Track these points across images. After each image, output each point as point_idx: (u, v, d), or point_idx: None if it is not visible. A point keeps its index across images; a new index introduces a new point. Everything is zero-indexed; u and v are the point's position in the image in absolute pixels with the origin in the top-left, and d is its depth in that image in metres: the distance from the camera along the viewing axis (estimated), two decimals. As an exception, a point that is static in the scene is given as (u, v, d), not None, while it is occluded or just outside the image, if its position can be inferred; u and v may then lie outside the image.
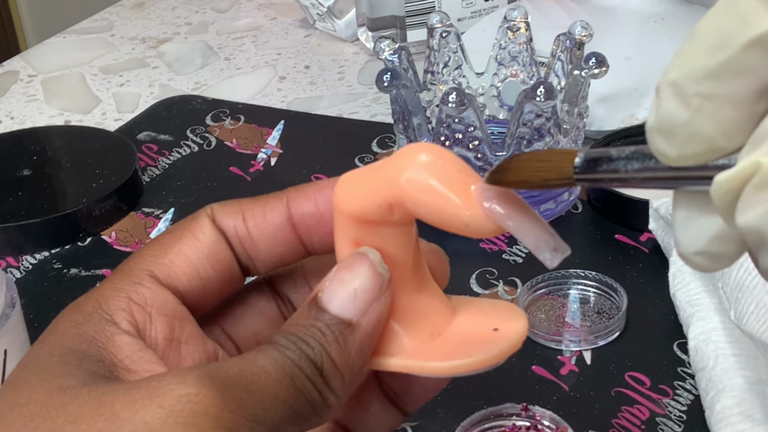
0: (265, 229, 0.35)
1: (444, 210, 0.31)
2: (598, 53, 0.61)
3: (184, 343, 0.34)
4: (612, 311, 0.56)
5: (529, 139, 0.61)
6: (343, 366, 0.32)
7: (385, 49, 0.65)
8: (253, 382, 0.30)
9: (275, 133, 0.78)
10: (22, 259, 0.66)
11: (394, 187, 0.32)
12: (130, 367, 0.32)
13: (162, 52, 0.95)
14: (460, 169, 0.31)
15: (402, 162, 0.32)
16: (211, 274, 0.35)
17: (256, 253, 0.35)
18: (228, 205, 0.36)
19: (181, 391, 0.29)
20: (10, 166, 0.71)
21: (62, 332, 0.32)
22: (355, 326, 0.32)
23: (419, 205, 0.31)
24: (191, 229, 0.35)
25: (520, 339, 0.33)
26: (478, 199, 0.31)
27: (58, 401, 0.29)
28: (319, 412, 0.32)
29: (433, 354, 0.33)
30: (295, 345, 0.31)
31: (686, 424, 0.49)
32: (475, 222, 0.31)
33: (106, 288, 0.34)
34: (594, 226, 0.64)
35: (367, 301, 0.32)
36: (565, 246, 0.31)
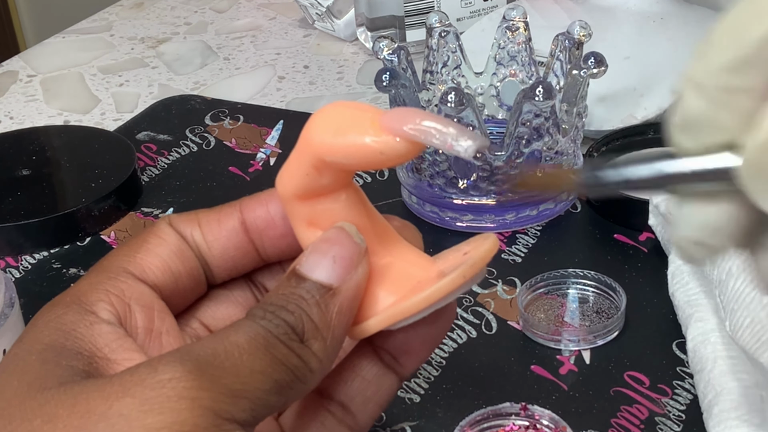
0: (219, 234, 0.36)
1: (356, 147, 0.32)
2: (597, 53, 0.61)
3: (165, 334, 0.34)
4: (611, 311, 0.56)
5: (528, 139, 0.61)
6: (324, 328, 0.32)
7: (384, 49, 0.65)
8: (227, 359, 0.30)
9: (274, 133, 0.78)
10: (21, 259, 0.66)
11: (310, 148, 0.33)
12: (109, 356, 0.32)
13: (161, 52, 0.95)
14: (360, 108, 0.33)
15: (309, 124, 0.34)
16: (181, 270, 0.36)
17: (211, 258, 0.36)
18: (185, 215, 0.37)
19: (152, 380, 0.29)
20: (9, 166, 0.71)
21: (41, 327, 0.32)
22: (336, 291, 0.33)
23: (335, 154, 0.32)
24: (154, 232, 0.36)
25: (487, 252, 0.34)
26: (383, 127, 0.32)
27: (35, 402, 0.30)
28: (302, 377, 0.32)
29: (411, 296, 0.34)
30: (272, 314, 0.32)
31: (685, 424, 0.49)
32: (387, 147, 0.32)
33: (83, 284, 0.34)
34: (593, 225, 0.64)
35: (346, 268, 0.33)
36: (475, 134, 0.31)
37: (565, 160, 0.64)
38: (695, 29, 0.76)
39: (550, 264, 0.60)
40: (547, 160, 0.63)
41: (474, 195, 0.63)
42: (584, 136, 0.67)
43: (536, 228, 0.64)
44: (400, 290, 0.34)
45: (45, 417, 0.29)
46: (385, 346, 0.37)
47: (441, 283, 0.33)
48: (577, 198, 0.66)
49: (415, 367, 0.38)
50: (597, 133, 0.70)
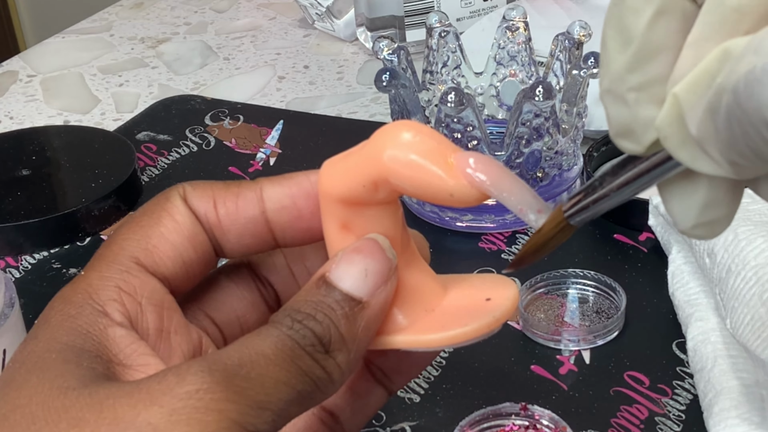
0: (236, 220, 0.35)
1: (428, 182, 0.31)
2: (597, 53, 0.61)
3: (173, 333, 0.34)
4: (611, 311, 0.56)
5: (527, 139, 0.61)
6: (350, 341, 0.32)
7: (384, 49, 0.65)
8: (253, 369, 0.30)
9: (274, 133, 0.78)
10: (21, 259, 0.66)
11: (378, 165, 0.32)
12: (124, 362, 0.31)
13: (161, 52, 0.95)
14: (440, 141, 0.32)
15: (383, 140, 0.32)
16: (193, 257, 0.35)
17: (225, 240, 0.35)
18: (200, 188, 0.35)
19: (180, 390, 0.29)
20: (9, 166, 0.71)
21: (55, 326, 0.32)
22: (365, 305, 0.32)
23: (403, 180, 0.32)
24: (168, 210, 0.34)
25: (512, 305, 0.34)
26: (459, 168, 0.31)
27: (59, 403, 0.29)
28: (323, 388, 0.32)
29: (429, 328, 0.34)
30: (300, 323, 0.31)
31: (685, 424, 0.49)
32: (459, 191, 0.31)
33: (93, 277, 0.33)
34: (593, 225, 0.64)
35: (376, 283, 0.33)
36: (548, 206, 0.32)
37: (565, 160, 0.64)
38: (695, 29, 0.76)
39: (550, 264, 0.60)
40: (547, 160, 0.63)
41: (474, 195, 0.63)
42: (584, 136, 0.67)
43: (536, 228, 0.64)
44: (417, 313, 0.34)
45: (71, 420, 0.29)
46: (378, 364, 0.37)
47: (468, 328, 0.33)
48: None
49: (405, 383, 0.38)
50: (597, 133, 0.70)
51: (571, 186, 0.65)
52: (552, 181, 0.64)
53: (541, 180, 0.63)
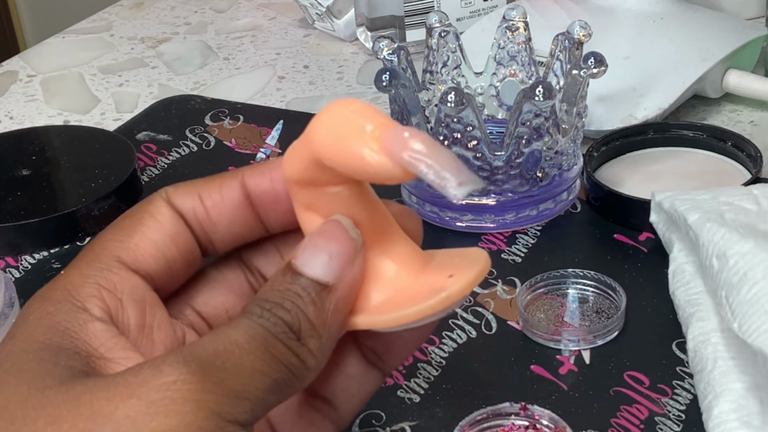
0: (223, 209, 0.35)
1: (353, 158, 0.31)
2: (596, 53, 0.61)
3: (156, 329, 0.34)
4: (611, 311, 0.56)
5: (527, 139, 0.61)
6: (320, 326, 0.32)
7: (384, 49, 0.65)
8: (228, 359, 0.30)
9: (274, 133, 0.78)
10: (20, 259, 0.66)
11: (311, 144, 0.32)
12: (105, 356, 0.31)
13: (161, 52, 0.95)
14: (371, 116, 0.31)
15: (317, 118, 0.33)
16: (176, 255, 0.35)
17: (215, 233, 0.35)
18: (183, 187, 0.36)
19: (157, 381, 0.29)
20: (8, 166, 0.71)
21: (33, 324, 0.32)
22: (332, 288, 0.32)
23: (331, 158, 0.32)
24: (150, 212, 0.35)
25: (468, 283, 0.33)
26: (385, 145, 0.31)
27: (37, 402, 0.29)
28: (299, 375, 0.32)
29: (390, 307, 0.34)
30: (269, 312, 0.31)
31: (685, 424, 0.49)
32: (382, 168, 0.31)
33: (73, 275, 0.33)
34: (593, 225, 0.64)
35: (342, 265, 0.33)
36: (474, 178, 0.30)
37: (565, 159, 0.64)
38: (695, 29, 0.76)
39: (550, 264, 0.60)
40: (547, 160, 0.63)
41: (474, 195, 0.63)
42: (584, 136, 0.67)
43: (536, 228, 0.64)
44: (388, 291, 0.34)
45: (49, 418, 0.29)
46: (369, 344, 0.37)
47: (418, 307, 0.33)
48: (577, 197, 0.66)
49: (398, 363, 0.38)
50: (597, 133, 0.70)
51: (571, 186, 0.65)
52: (552, 181, 0.64)
53: (541, 180, 0.63)
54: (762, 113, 0.76)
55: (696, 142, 0.68)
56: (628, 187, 0.64)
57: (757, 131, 0.74)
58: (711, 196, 0.55)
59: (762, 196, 0.54)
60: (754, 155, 0.65)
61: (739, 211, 0.53)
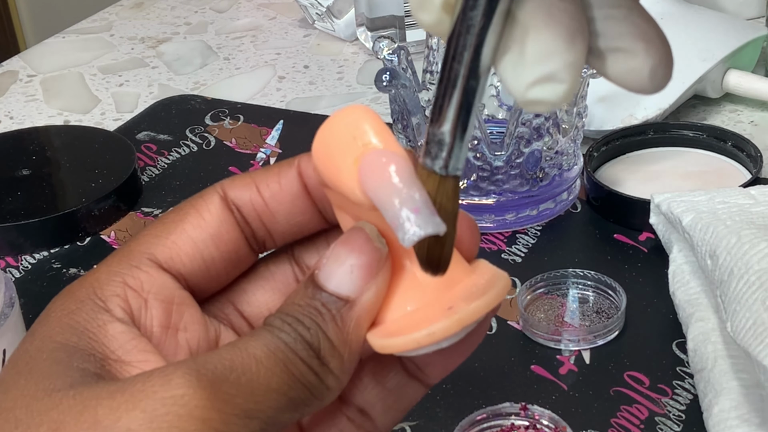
0: (282, 199, 0.34)
1: (332, 180, 0.31)
2: (597, 53, 0.61)
3: (182, 330, 0.33)
4: (611, 311, 0.56)
5: (528, 139, 0.61)
6: (341, 345, 0.31)
7: (384, 49, 0.65)
8: (244, 374, 0.29)
9: (274, 133, 0.78)
10: (21, 259, 0.66)
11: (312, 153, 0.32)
12: (123, 358, 0.31)
13: (161, 52, 0.95)
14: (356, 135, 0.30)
15: (324, 124, 0.32)
16: (215, 256, 0.33)
17: (274, 224, 0.34)
18: (239, 179, 0.34)
19: (165, 394, 0.28)
20: (9, 166, 0.71)
21: (53, 323, 0.31)
22: (353, 303, 0.31)
23: (320, 171, 0.31)
24: (197, 208, 0.34)
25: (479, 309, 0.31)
26: (360, 171, 0.30)
27: (43, 406, 0.29)
28: (318, 395, 0.30)
29: (404, 327, 0.31)
30: (290, 326, 0.30)
31: (685, 424, 0.49)
32: (354, 195, 0.30)
33: (102, 272, 0.33)
34: (593, 225, 0.64)
35: (364, 278, 0.31)
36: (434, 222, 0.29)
37: (565, 159, 0.64)
38: (695, 29, 0.76)
39: (550, 264, 0.60)
40: (547, 160, 0.63)
41: (474, 195, 0.63)
42: (584, 136, 0.67)
43: (536, 228, 0.64)
44: (413, 302, 0.32)
45: (51, 424, 0.28)
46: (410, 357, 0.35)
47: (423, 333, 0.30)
48: (577, 197, 0.66)
49: (442, 376, 0.35)
50: (597, 133, 0.70)
51: (571, 186, 0.65)
52: (552, 181, 0.64)
53: (541, 180, 0.63)
54: (762, 113, 0.76)
55: (696, 142, 0.68)
56: (628, 187, 0.64)
57: (757, 131, 0.74)
58: (707, 197, 0.55)
59: (759, 194, 0.54)
60: (754, 155, 0.65)
61: (733, 206, 0.53)
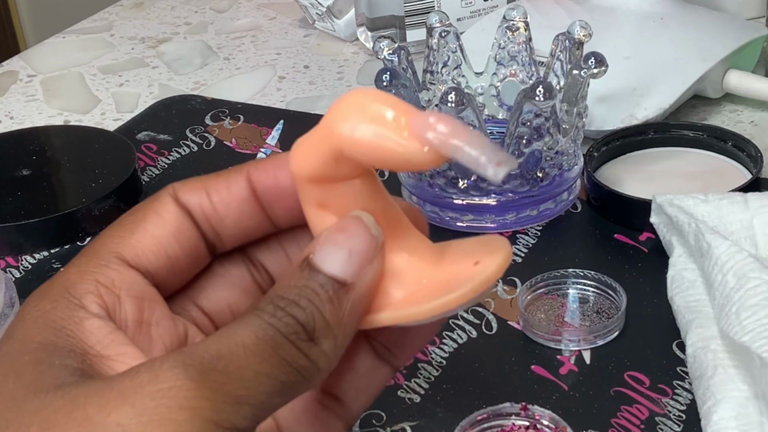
0: (230, 204, 0.35)
1: (382, 148, 0.31)
2: (597, 53, 0.61)
3: (154, 325, 0.33)
4: (611, 311, 0.56)
5: (528, 139, 0.61)
6: (335, 326, 0.31)
7: (384, 49, 0.65)
8: (232, 362, 0.29)
9: (275, 133, 0.78)
10: (21, 259, 0.66)
11: (332, 138, 0.31)
12: (102, 353, 0.31)
13: (161, 52, 0.95)
14: (392, 105, 0.31)
15: (336, 110, 0.32)
16: (178, 252, 0.34)
17: (223, 228, 0.35)
18: (190, 183, 0.35)
19: (152, 388, 0.28)
20: (9, 166, 0.71)
21: (30, 324, 0.31)
22: (350, 286, 0.32)
23: (358, 149, 0.31)
24: (154, 209, 0.34)
25: (496, 270, 0.32)
26: (414, 130, 0.30)
27: (32, 406, 0.29)
28: (309, 377, 0.31)
29: (413, 301, 0.33)
30: (282, 310, 0.31)
31: (685, 424, 0.49)
32: (414, 155, 0.30)
33: (71, 272, 0.33)
34: (593, 225, 0.64)
35: (361, 262, 0.32)
36: (510, 158, 0.30)
37: (565, 160, 0.64)
38: (695, 29, 0.76)
39: (550, 264, 0.60)
40: (548, 160, 0.63)
41: (474, 195, 0.63)
42: (584, 136, 0.67)
43: (536, 228, 0.64)
44: (409, 286, 0.33)
45: (42, 423, 0.28)
46: (380, 339, 0.36)
47: (451, 296, 0.32)
48: (577, 197, 0.66)
49: (410, 358, 0.37)
50: (597, 133, 0.70)
51: (571, 186, 0.65)
52: (552, 181, 0.64)
53: (542, 180, 0.63)
54: (762, 113, 0.76)
55: (696, 142, 0.68)
56: (628, 187, 0.64)
57: (758, 131, 0.74)
58: (708, 198, 0.55)
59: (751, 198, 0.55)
60: (754, 155, 0.65)
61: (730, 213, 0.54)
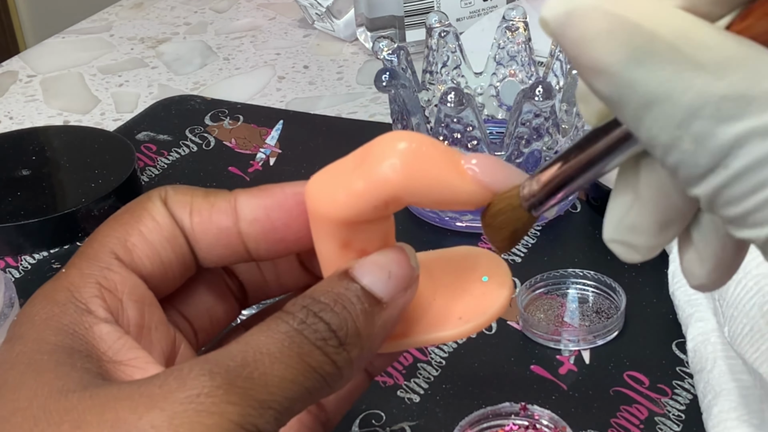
0: (208, 230, 0.35)
1: (446, 192, 0.32)
2: (596, 53, 0.61)
3: (153, 329, 0.34)
4: (611, 311, 0.56)
5: (527, 139, 0.61)
6: (365, 337, 0.32)
7: (384, 49, 0.65)
8: (257, 369, 0.30)
9: (274, 133, 0.78)
10: (20, 259, 0.66)
11: (390, 185, 0.32)
12: (114, 359, 0.31)
13: (161, 52, 0.95)
14: (443, 149, 0.32)
15: (390, 157, 0.32)
16: (172, 258, 0.35)
17: (198, 249, 0.35)
18: (181, 193, 0.35)
19: (182, 394, 0.29)
20: (8, 166, 0.71)
21: (41, 325, 0.32)
22: (384, 306, 0.32)
23: (421, 195, 0.32)
24: (149, 210, 0.35)
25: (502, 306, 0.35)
26: (472, 175, 0.32)
27: (61, 406, 0.29)
28: (332, 383, 0.31)
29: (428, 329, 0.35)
30: (315, 315, 0.31)
31: (685, 424, 0.49)
32: (474, 195, 0.32)
33: (74, 274, 0.33)
34: (593, 225, 0.64)
35: (398, 287, 0.33)
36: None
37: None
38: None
39: (549, 264, 0.60)
40: (547, 160, 0.63)
41: (474, 195, 0.63)
42: (584, 136, 0.67)
43: (536, 228, 0.64)
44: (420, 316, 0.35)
45: (74, 423, 0.29)
46: None
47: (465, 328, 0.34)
48: (577, 198, 0.66)
49: (386, 367, 0.39)
50: (597, 133, 0.70)
51: (570, 186, 0.65)
52: (552, 181, 0.64)
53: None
54: (762, 113, 0.76)
55: (696, 142, 0.68)
56: (627, 187, 0.64)
57: (757, 131, 0.73)
58: None
59: None
60: (753, 155, 0.65)
61: None
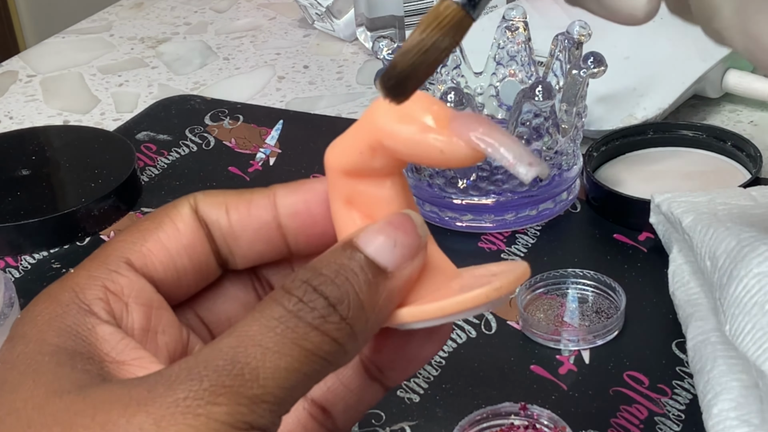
0: (248, 225, 0.34)
1: (419, 140, 0.31)
2: (596, 53, 0.61)
3: (161, 333, 0.33)
4: (610, 311, 0.56)
5: (527, 139, 0.61)
6: (369, 309, 0.31)
7: (384, 49, 0.65)
8: (247, 364, 0.29)
9: (274, 133, 0.78)
10: (20, 259, 0.66)
11: (371, 129, 0.32)
12: (117, 359, 0.31)
13: (161, 52, 0.95)
14: (430, 101, 0.32)
15: (377, 105, 0.33)
16: (187, 266, 0.34)
17: (237, 248, 0.35)
18: (212, 196, 0.35)
19: (169, 399, 0.29)
20: (8, 166, 0.71)
21: (43, 325, 0.32)
22: (389, 276, 0.31)
23: (395, 141, 0.32)
24: (171, 217, 0.34)
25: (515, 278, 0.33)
26: (456, 128, 0.31)
27: (55, 407, 0.29)
28: (334, 360, 0.30)
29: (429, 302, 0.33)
30: (315, 291, 0.30)
31: (684, 424, 0.49)
32: (450, 148, 0.31)
33: (81, 276, 0.33)
34: (592, 225, 0.64)
35: (404, 255, 0.32)
36: (541, 162, 0.31)
37: (564, 160, 0.64)
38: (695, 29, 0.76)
39: (549, 264, 0.60)
40: (547, 160, 0.63)
41: (473, 195, 0.63)
42: (584, 136, 0.67)
43: (536, 228, 0.64)
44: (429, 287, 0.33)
45: (65, 425, 0.29)
46: (373, 359, 0.36)
47: (468, 295, 0.32)
48: (577, 197, 0.66)
49: (402, 380, 0.37)
50: (597, 133, 0.70)
51: (571, 186, 0.65)
52: (552, 181, 0.64)
53: (541, 180, 0.63)
54: (762, 113, 0.76)
55: (696, 142, 0.68)
56: (628, 187, 0.64)
57: (757, 131, 0.74)
58: (708, 198, 0.55)
59: (760, 195, 0.54)
60: (754, 155, 0.65)
61: (734, 207, 0.53)
